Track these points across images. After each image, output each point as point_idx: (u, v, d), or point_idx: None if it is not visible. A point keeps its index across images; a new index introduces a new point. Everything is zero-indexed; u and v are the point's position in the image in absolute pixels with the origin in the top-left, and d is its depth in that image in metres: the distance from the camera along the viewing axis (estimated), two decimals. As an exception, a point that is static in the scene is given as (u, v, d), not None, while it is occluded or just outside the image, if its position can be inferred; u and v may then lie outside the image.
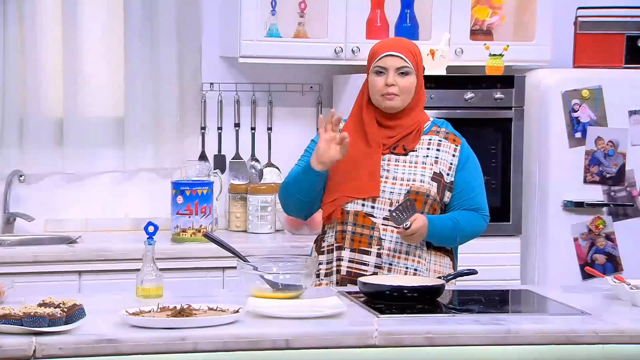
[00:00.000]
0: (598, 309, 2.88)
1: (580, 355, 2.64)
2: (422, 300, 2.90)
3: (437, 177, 3.18)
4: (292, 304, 2.78)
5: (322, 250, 3.24)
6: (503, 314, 2.85)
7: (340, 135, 3.07)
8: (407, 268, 3.15)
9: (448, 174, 3.20)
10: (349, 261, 3.16)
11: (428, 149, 3.21)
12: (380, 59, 3.17)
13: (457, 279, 3.17)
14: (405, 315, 2.74)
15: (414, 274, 3.14)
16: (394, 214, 3.06)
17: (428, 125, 3.26)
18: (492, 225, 4.31)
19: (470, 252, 4.19)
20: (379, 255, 3.14)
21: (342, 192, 3.17)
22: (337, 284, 3.17)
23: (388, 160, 3.19)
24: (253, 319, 2.66)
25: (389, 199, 3.15)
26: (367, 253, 3.15)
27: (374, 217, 3.16)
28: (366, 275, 3.12)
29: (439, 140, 3.23)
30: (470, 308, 2.93)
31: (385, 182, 3.16)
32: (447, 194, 3.20)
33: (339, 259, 3.18)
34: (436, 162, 3.19)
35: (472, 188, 3.22)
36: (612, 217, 4.35)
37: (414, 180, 3.16)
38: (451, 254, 3.27)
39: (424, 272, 3.17)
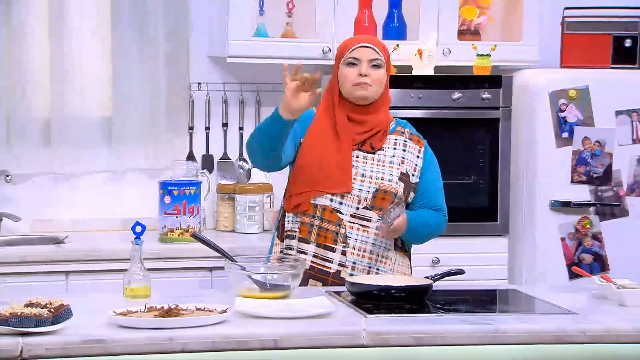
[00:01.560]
0: (585, 309, 2.89)
1: (567, 354, 2.65)
2: (410, 300, 2.91)
3: (404, 177, 3.20)
4: (280, 304, 2.78)
5: (283, 235, 3.23)
6: (491, 314, 2.86)
7: (306, 77, 2.97)
8: (370, 267, 3.17)
9: (413, 175, 3.23)
10: (314, 256, 3.16)
11: (394, 148, 3.23)
12: (353, 50, 3.19)
13: (444, 278, 3.17)
14: (393, 315, 2.75)
15: (377, 274, 3.16)
16: (387, 210, 3.06)
17: (393, 125, 3.28)
18: (479, 225, 4.36)
19: (457, 252, 4.22)
20: (343, 253, 3.15)
21: (312, 186, 3.16)
22: None
23: (356, 157, 3.20)
24: (241, 319, 2.66)
25: (357, 196, 3.16)
26: (332, 250, 3.15)
27: (341, 213, 3.16)
28: (329, 272, 3.14)
29: (404, 141, 3.25)
30: (457, 308, 2.93)
31: (354, 178, 3.17)
32: (411, 195, 3.23)
33: (303, 252, 3.17)
34: (403, 162, 3.22)
35: (435, 190, 3.26)
36: (599, 216, 4.37)
37: (382, 179, 3.18)
38: (409, 254, 3.29)
39: (388, 271, 3.19)
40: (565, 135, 4.32)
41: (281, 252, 3.21)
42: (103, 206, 4.45)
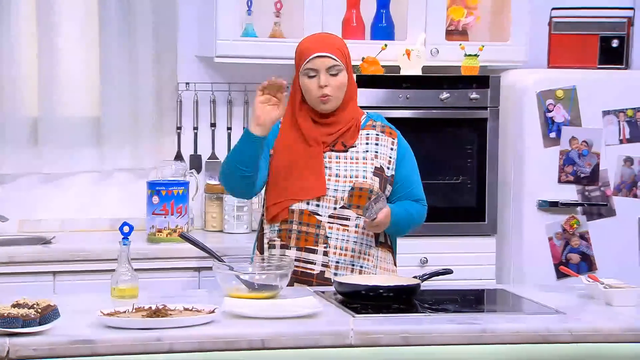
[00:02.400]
0: (572, 308, 2.90)
1: (554, 354, 2.66)
2: (398, 300, 2.91)
3: (378, 171, 3.19)
4: (268, 304, 2.78)
5: (263, 247, 3.24)
6: (478, 314, 2.86)
7: (272, 83, 3.03)
8: (353, 265, 3.17)
9: (389, 168, 3.22)
10: (296, 260, 3.15)
11: (367, 143, 3.22)
12: (309, 60, 3.15)
13: (433, 278, 3.17)
14: (381, 315, 2.75)
15: (360, 272, 3.16)
16: (367, 205, 3.07)
17: (364, 119, 3.27)
18: (467, 224, 4.36)
19: (445, 252, 4.23)
20: (325, 253, 3.15)
21: (287, 195, 3.16)
22: None
23: (329, 158, 3.19)
24: (229, 319, 2.65)
25: (333, 196, 3.16)
26: (314, 252, 3.15)
27: (319, 215, 3.16)
28: (313, 273, 3.14)
29: (377, 135, 3.24)
30: (445, 307, 2.94)
31: (329, 179, 3.17)
32: (389, 188, 3.22)
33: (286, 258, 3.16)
34: (376, 156, 3.21)
35: (413, 180, 3.26)
36: (586, 216, 4.38)
37: (356, 177, 3.17)
38: (392, 249, 3.29)
39: (371, 268, 3.19)
40: (552, 135, 4.33)
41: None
42: (90, 206, 4.44)
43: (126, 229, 2.91)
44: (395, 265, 3.29)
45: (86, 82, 4.41)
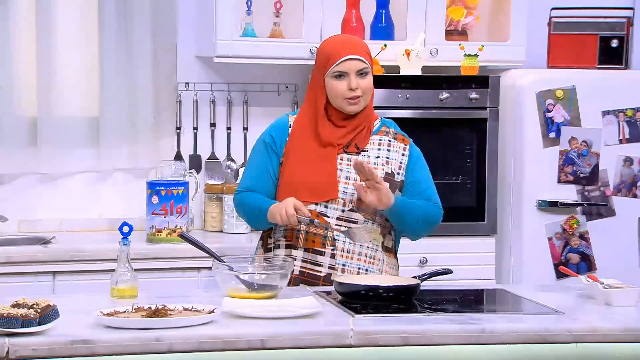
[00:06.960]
0: (572, 308, 2.90)
1: (554, 354, 2.66)
2: (398, 300, 2.91)
3: (388, 177, 3.19)
4: (267, 304, 2.78)
5: (268, 246, 3.24)
6: (478, 314, 2.86)
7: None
8: (359, 269, 3.16)
9: (398, 174, 3.21)
10: (302, 261, 3.16)
11: (379, 149, 3.22)
12: (339, 63, 3.15)
13: (432, 278, 3.17)
14: (380, 315, 2.75)
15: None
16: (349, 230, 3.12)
17: (377, 124, 3.27)
18: (467, 224, 4.37)
19: (445, 252, 4.23)
20: (332, 256, 3.15)
21: (299, 196, 3.14)
22: (289, 283, 3.15)
23: (340, 160, 3.19)
24: (228, 319, 2.65)
25: (342, 199, 3.16)
26: (321, 254, 3.14)
27: (327, 216, 3.16)
28: (320, 275, 3.13)
29: (389, 141, 3.24)
30: (445, 308, 2.94)
31: (339, 182, 3.16)
32: (398, 193, 3.21)
33: (292, 258, 3.15)
34: (387, 162, 3.21)
35: (423, 182, 3.23)
36: (585, 216, 4.38)
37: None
38: (396, 255, 3.28)
39: (377, 272, 3.18)
40: (552, 135, 4.34)
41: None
42: (90, 206, 4.44)
43: (126, 229, 2.91)
44: (398, 271, 3.28)
45: (85, 82, 4.41)
